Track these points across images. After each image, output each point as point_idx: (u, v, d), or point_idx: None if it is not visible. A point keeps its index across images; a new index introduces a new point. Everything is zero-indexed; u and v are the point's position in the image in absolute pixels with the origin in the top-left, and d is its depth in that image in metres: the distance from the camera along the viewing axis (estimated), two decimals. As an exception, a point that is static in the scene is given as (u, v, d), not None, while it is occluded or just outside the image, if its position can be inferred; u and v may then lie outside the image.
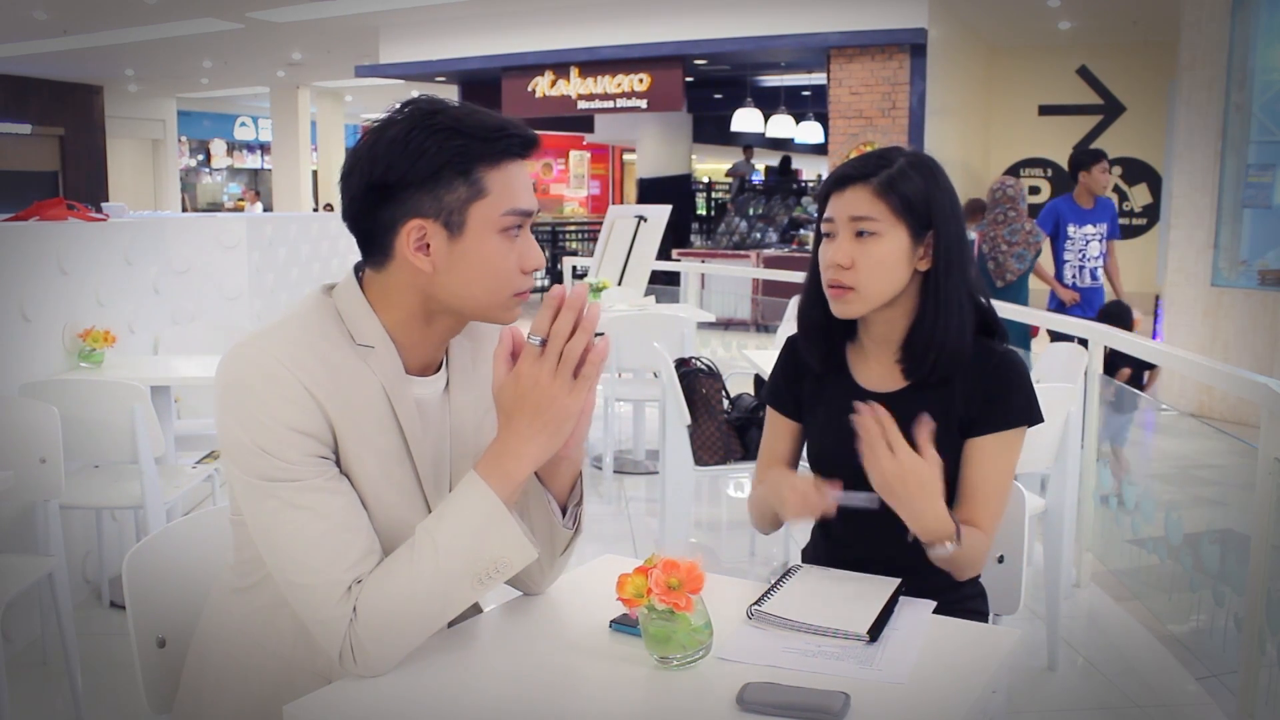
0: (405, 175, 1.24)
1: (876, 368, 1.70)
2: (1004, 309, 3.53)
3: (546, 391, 1.23)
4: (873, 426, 1.47)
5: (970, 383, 1.64)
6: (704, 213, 16.29)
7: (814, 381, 1.75)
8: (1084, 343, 3.72)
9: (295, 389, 1.21)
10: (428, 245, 1.26)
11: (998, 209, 5.73)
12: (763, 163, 16.72)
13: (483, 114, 1.28)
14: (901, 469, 1.46)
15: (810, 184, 14.30)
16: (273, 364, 1.22)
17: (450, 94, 12.93)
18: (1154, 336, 7.65)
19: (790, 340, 1.81)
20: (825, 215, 1.65)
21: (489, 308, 1.30)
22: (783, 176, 14.49)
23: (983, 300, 1.69)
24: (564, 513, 1.40)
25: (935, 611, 1.46)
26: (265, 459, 1.21)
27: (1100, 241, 5.64)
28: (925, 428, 1.48)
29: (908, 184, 1.60)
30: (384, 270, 1.30)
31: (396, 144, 1.24)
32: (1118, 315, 5.03)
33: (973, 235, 6.25)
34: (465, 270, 1.27)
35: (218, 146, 21.51)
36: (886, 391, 1.68)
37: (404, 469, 1.31)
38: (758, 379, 3.94)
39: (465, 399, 1.40)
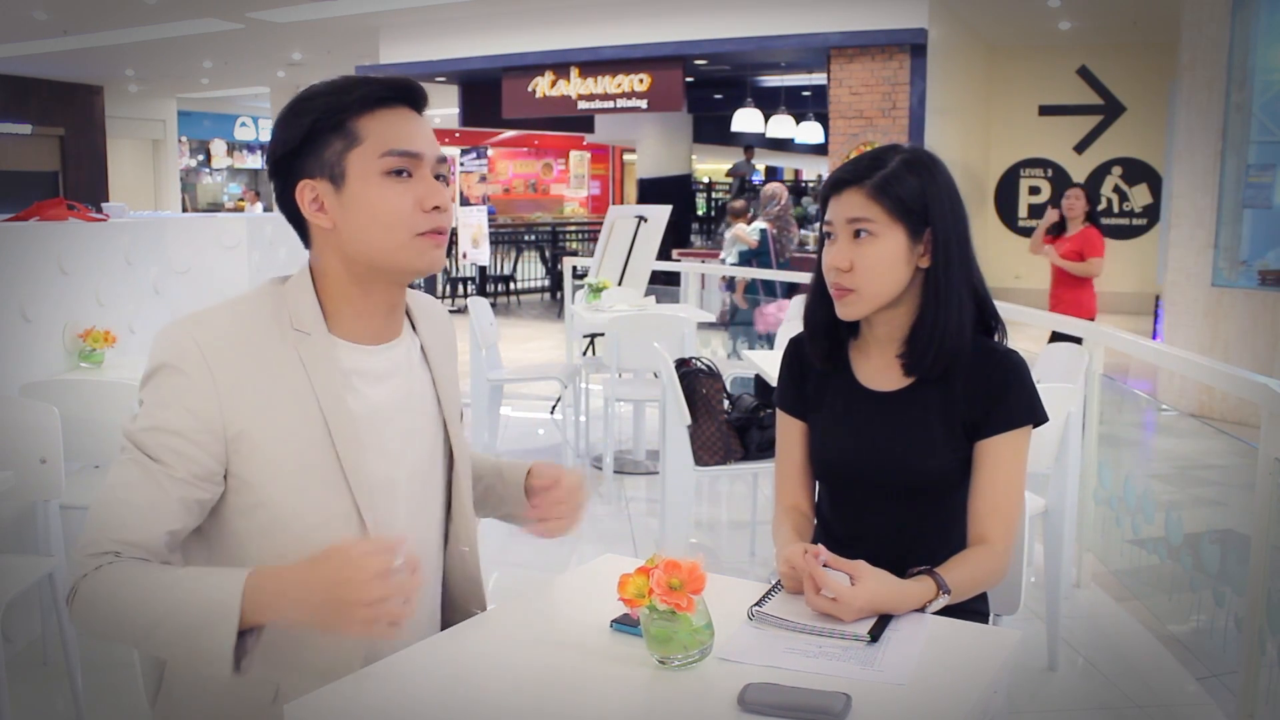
0: (287, 144, 1.33)
1: (879, 366, 1.70)
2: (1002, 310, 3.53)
3: (362, 589, 1.12)
4: (825, 603, 1.39)
5: (971, 383, 1.64)
6: (704, 213, 16.28)
7: (817, 381, 1.75)
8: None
9: (204, 379, 1.26)
10: (322, 203, 1.33)
11: (772, 204, 8.97)
12: (763, 163, 16.71)
13: (353, 76, 1.36)
14: (858, 606, 1.38)
15: (810, 184, 14.28)
16: (192, 349, 1.27)
17: (450, 94, 12.93)
18: (1154, 337, 7.65)
19: (793, 341, 1.81)
20: (825, 218, 1.67)
21: (394, 250, 1.33)
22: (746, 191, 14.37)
23: (986, 297, 1.69)
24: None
25: (936, 612, 1.46)
26: (148, 427, 1.27)
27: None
28: (823, 559, 1.42)
29: (902, 185, 1.60)
30: (312, 247, 1.38)
31: (279, 123, 1.34)
32: None
33: (765, 225, 8.97)
34: (357, 216, 1.32)
35: (218, 147, 21.48)
36: (888, 390, 1.69)
37: (325, 457, 1.31)
38: (758, 379, 3.93)
39: (436, 355, 1.48)
